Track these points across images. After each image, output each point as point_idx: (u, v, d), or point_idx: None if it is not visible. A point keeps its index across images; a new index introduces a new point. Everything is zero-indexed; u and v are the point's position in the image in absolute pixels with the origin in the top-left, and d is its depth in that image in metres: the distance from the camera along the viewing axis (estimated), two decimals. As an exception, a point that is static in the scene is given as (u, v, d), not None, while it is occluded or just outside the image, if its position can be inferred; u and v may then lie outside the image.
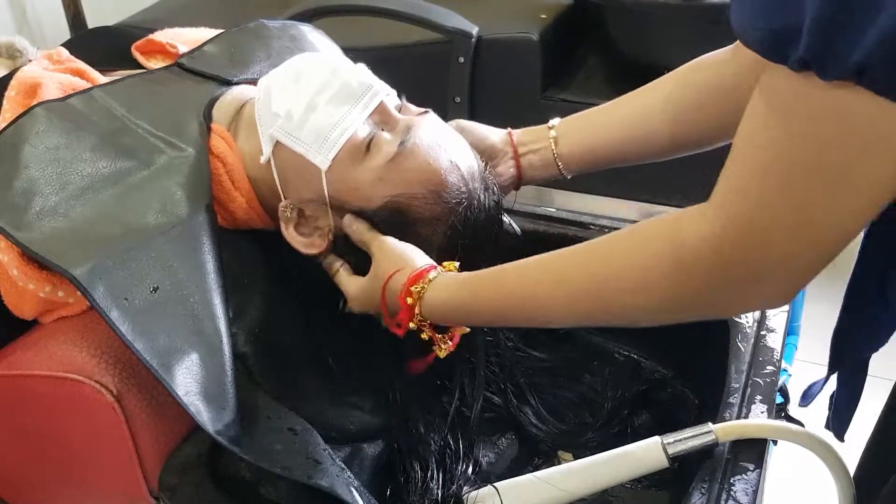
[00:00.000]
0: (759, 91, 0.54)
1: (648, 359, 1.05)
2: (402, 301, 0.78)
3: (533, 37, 1.55)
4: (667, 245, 0.61)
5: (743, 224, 0.56)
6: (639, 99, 0.89)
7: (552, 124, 0.92)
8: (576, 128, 0.91)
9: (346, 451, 0.84)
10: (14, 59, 1.06)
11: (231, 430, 0.73)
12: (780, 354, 0.90)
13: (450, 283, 0.77)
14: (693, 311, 0.65)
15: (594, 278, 0.67)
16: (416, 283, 0.78)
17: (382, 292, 0.80)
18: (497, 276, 0.75)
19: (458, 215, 0.84)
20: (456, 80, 1.61)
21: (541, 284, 0.71)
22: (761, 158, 0.54)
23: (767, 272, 0.57)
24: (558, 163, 0.91)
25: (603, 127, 0.90)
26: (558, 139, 0.91)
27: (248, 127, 0.87)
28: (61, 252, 0.72)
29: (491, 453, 0.94)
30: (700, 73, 0.84)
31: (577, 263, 0.69)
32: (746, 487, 0.74)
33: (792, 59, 0.49)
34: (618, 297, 0.66)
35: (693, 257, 0.59)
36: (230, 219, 0.86)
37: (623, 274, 0.65)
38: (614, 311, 0.69)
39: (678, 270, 0.60)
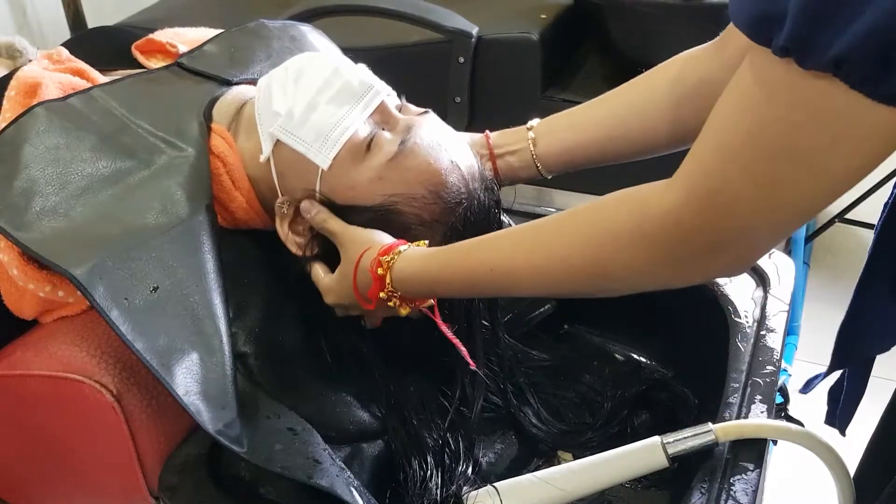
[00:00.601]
0: (742, 69, 0.55)
1: (648, 359, 1.05)
2: (372, 273, 0.78)
3: (533, 37, 1.55)
4: (632, 216, 0.63)
5: (705, 196, 0.57)
6: (618, 98, 0.89)
7: (531, 125, 0.92)
8: (555, 128, 0.91)
9: (346, 451, 0.84)
10: (14, 58, 1.06)
11: (231, 429, 0.73)
12: (780, 354, 0.90)
13: (420, 254, 0.78)
14: (656, 280, 0.66)
15: (561, 249, 0.68)
16: (386, 254, 0.78)
17: (354, 271, 0.79)
18: (468, 247, 0.76)
19: (457, 216, 0.84)
20: (456, 80, 1.61)
21: (511, 254, 0.72)
22: (732, 135, 0.55)
23: (726, 244, 0.59)
24: (537, 163, 0.91)
25: (582, 126, 0.90)
26: (537, 140, 0.91)
27: (248, 126, 0.87)
28: (61, 252, 0.72)
29: (491, 453, 0.94)
30: (682, 68, 0.84)
31: (545, 235, 0.70)
32: (746, 487, 0.74)
33: (775, 44, 0.50)
34: (584, 267, 0.67)
35: (656, 228, 0.60)
36: (230, 219, 0.86)
37: (589, 245, 0.66)
38: (580, 282, 0.70)
39: (642, 241, 0.62)
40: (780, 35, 0.49)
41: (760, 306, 0.96)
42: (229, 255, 0.81)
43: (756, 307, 0.95)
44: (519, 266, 0.72)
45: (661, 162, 0.92)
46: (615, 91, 0.89)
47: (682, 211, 0.58)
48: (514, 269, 0.72)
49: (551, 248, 0.69)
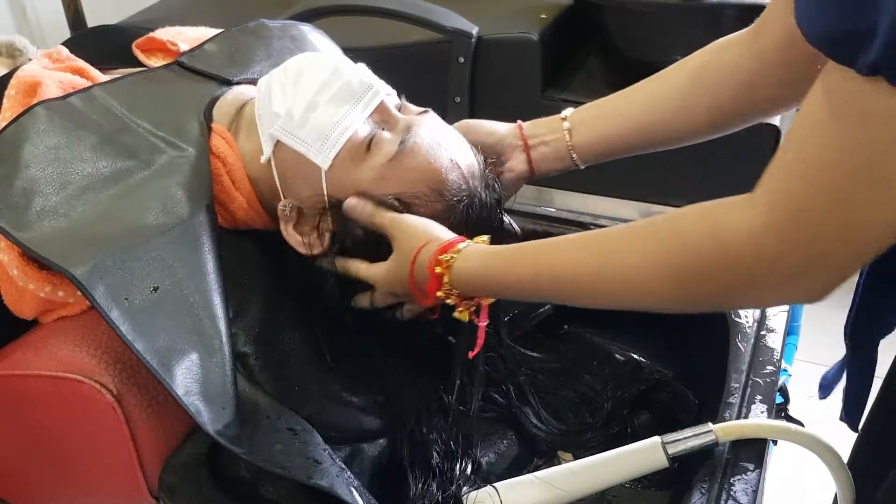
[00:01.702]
0: (819, 89, 0.53)
1: (648, 359, 1.05)
2: (430, 270, 0.76)
3: (533, 37, 1.55)
4: (711, 238, 0.60)
5: (788, 222, 0.56)
6: (654, 85, 0.88)
7: (565, 115, 0.91)
8: (590, 117, 0.90)
9: (346, 451, 0.84)
10: (14, 57, 1.06)
11: (231, 430, 0.73)
12: (780, 354, 0.90)
13: (481, 254, 0.76)
14: (730, 302, 0.66)
15: (633, 267, 0.66)
16: (445, 252, 0.76)
17: (411, 267, 0.78)
18: (533, 251, 0.74)
19: (458, 214, 0.84)
20: (456, 80, 1.61)
21: (578, 265, 0.70)
22: (814, 158, 0.54)
23: (807, 270, 0.57)
24: (573, 154, 0.90)
25: (618, 115, 0.89)
26: (572, 130, 0.90)
27: (248, 127, 0.87)
28: (62, 252, 0.72)
29: (491, 453, 0.94)
30: (717, 56, 0.83)
31: (616, 250, 0.68)
32: (746, 487, 0.74)
33: (861, 62, 0.48)
34: (648, 285, 0.66)
35: (736, 252, 0.59)
36: (230, 219, 0.86)
37: (664, 266, 0.64)
38: (642, 299, 0.68)
39: (720, 264, 0.60)
40: (868, 53, 0.47)
41: (760, 306, 0.96)
42: (229, 255, 0.81)
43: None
44: (586, 279, 0.70)
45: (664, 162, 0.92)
46: (650, 80, 0.89)
47: (766, 234, 0.57)
48: (581, 281, 0.70)
49: (625, 266, 0.67)
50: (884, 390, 0.84)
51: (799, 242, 0.56)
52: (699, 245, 0.61)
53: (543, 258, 0.73)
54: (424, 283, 0.78)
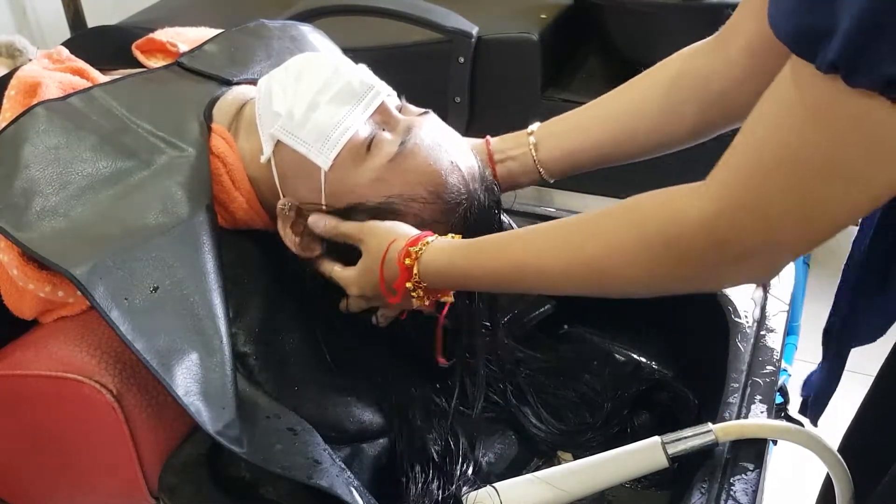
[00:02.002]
0: (781, 81, 0.54)
1: (648, 359, 1.05)
2: (400, 264, 0.78)
3: (533, 37, 1.56)
4: (664, 223, 0.63)
5: (740, 208, 0.57)
6: (620, 98, 0.88)
7: (531, 129, 0.92)
8: (556, 131, 0.91)
9: (346, 451, 0.83)
10: (14, 58, 1.06)
11: (231, 430, 0.73)
12: (779, 354, 0.90)
13: (448, 246, 0.78)
14: (683, 285, 0.67)
15: (592, 252, 0.68)
16: (414, 245, 0.78)
17: (381, 263, 0.79)
18: (498, 242, 0.76)
19: (457, 216, 0.84)
20: (456, 80, 1.61)
21: (541, 254, 0.72)
22: (770, 148, 0.55)
23: (756, 254, 0.59)
24: (539, 168, 0.91)
25: (584, 128, 0.90)
26: (538, 144, 0.90)
27: (248, 127, 0.87)
28: (62, 252, 0.72)
29: (491, 453, 0.94)
30: (683, 65, 0.84)
31: (576, 236, 0.70)
32: (746, 487, 0.74)
33: (820, 59, 0.49)
34: (613, 271, 0.68)
35: (687, 237, 0.61)
36: (230, 219, 0.86)
37: (618, 249, 0.66)
38: (608, 284, 0.70)
39: (672, 248, 0.62)
40: (828, 51, 0.48)
41: (760, 306, 0.96)
42: (229, 255, 0.81)
43: (756, 307, 0.95)
44: (548, 266, 0.71)
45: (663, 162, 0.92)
46: (616, 91, 0.89)
47: (717, 222, 0.58)
48: (544, 269, 0.72)
49: (583, 251, 0.69)
50: (873, 390, 0.85)
51: (750, 229, 0.57)
52: (654, 229, 0.63)
53: (509, 248, 0.75)
54: (394, 279, 0.79)
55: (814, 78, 0.50)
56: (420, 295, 0.79)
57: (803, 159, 0.53)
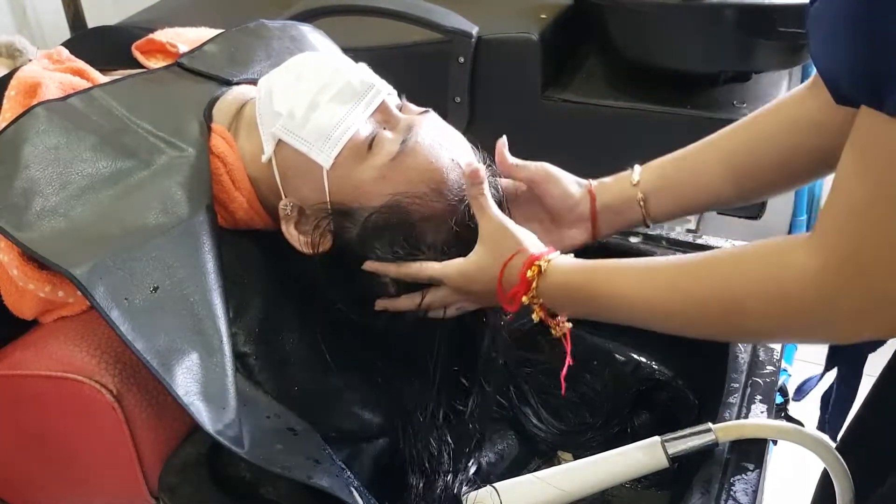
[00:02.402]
0: (856, 132, 0.55)
1: (648, 359, 1.05)
2: (521, 275, 0.77)
3: (533, 37, 1.55)
4: (772, 276, 0.63)
5: (842, 260, 0.57)
6: (727, 144, 0.86)
7: (636, 180, 0.88)
8: (667, 183, 0.88)
9: (346, 451, 0.84)
10: (14, 58, 1.06)
11: (231, 430, 0.73)
12: (779, 354, 0.90)
13: (569, 268, 0.77)
14: (804, 339, 0.69)
15: (699, 299, 0.68)
16: (539, 258, 0.77)
17: (502, 269, 0.78)
18: (612, 272, 0.75)
19: (459, 214, 0.84)
20: (456, 80, 1.61)
21: (649, 293, 0.72)
22: (858, 197, 0.56)
23: (872, 306, 0.58)
24: (647, 222, 0.90)
25: (698, 180, 0.87)
26: (647, 199, 0.88)
27: (248, 126, 0.87)
28: (62, 252, 0.72)
29: (491, 453, 0.94)
30: (783, 112, 0.83)
31: (684, 281, 0.70)
32: (746, 487, 0.74)
33: (889, 104, 0.50)
34: (721, 321, 0.68)
35: (798, 293, 0.60)
36: (230, 219, 0.86)
37: (729, 301, 0.66)
38: (715, 333, 0.72)
39: (784, 304, 0.62)
40: (894, 92, 0.49)
41: (760, 306, 0.95)
42: (229, 255, 0.81)
43: (756, 307, 0.95)
44: (657, 305, 0.72)
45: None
46: (718, 141, 0.87)
47: (823, 275, 0.58)
48: (652, 307, 0.72)
49: (691, 296, 0.69)
50: (875, 389, 0.85)
51: (858, 280, 0.57)
52: (763, 282, 0.63)
53: (621, 282, 0.74)
54: (511, 287, 0.78)
55: (885, 123, 0.51)
56: (540, 314, 0.78)
57: (891, 202, 0.53)
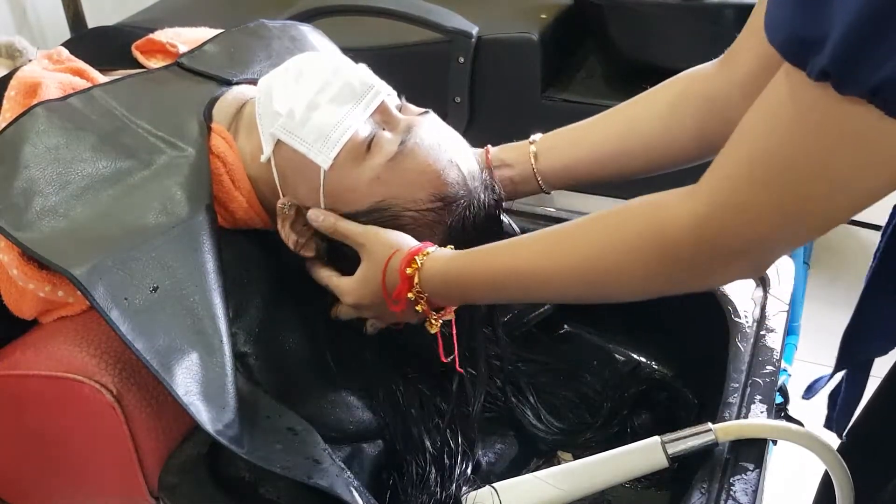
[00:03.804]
0: (771, 89, 0.56)
1: (648, 359, 1.05)
2: (401, 273, 0.78)
3: (533, 37, 1.55)
4: (652, 227, 0.64)
5: (728, 209, 0.59)
6: (622, 114, 0.89)
7: (533, 139, 0.92)
8: (557, 144, 0.91)
9: (346, 451, 0.84)
10: (14, 58, 1.06)
11: (231, 429, 0.73)
12: (779, 354, 0.90)
13: (446, 257, 0.78)
14: (671, 288, 0.68)
15: (582, 256, 0.70)
16: (416, 255, 0.78)
17: (383, 273, 0.80)
18: (492, 250, 0.77)
19: (457, 216, 0.84)
20: (456, 80, 1.61)
21: (533, 259, 0.73)
22: (761, 151, 0.56)
23: (744, 253, 0.61)
24: (538, 178, 0.91)
25: (584, 142, 0.90)
26: (538, 155, 0.91)
27: (248, 126, 0.87)
28: (61, 252, 0.72)
29: (491, 453, 0.94)
30: (687, 85, 0.85)
31: (567, 241, 0.71)
32: (746, 487, 0.74)
33: (811, 67, 0.50)
34: (603, 276, 0.69)
35: (676, 239, 0.62)
36: (230, 219, 0.86)
37: (609, 255, 0.68)
38: (600, 289, 0.72)
39: (661, 252, 0.63)
40: (819, 59, 0.49)
41: (760, 306, 0.96)
42: (229, 255, 0.81)
43: (756, 307, 0.95)
44: (540, 271, 0.72)
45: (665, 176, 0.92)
46: (619, 107, 0.89)
47: (705, 224, 0.60)
48: (535, 274, 0.73)
49: (573, 255, 0.70)
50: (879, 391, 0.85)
51: (738, 230, 0.59)
52: (642, 232, 0.65)
53: (501, 254, 0.76)
54: (395, 288, 0.79)
55: (805, 85, 0.51)
56: (423, 306, 0.79)
57: (791, 163, 0.55)
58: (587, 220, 0.71)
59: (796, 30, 0.51)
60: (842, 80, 0.49)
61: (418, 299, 0.79)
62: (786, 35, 0.52)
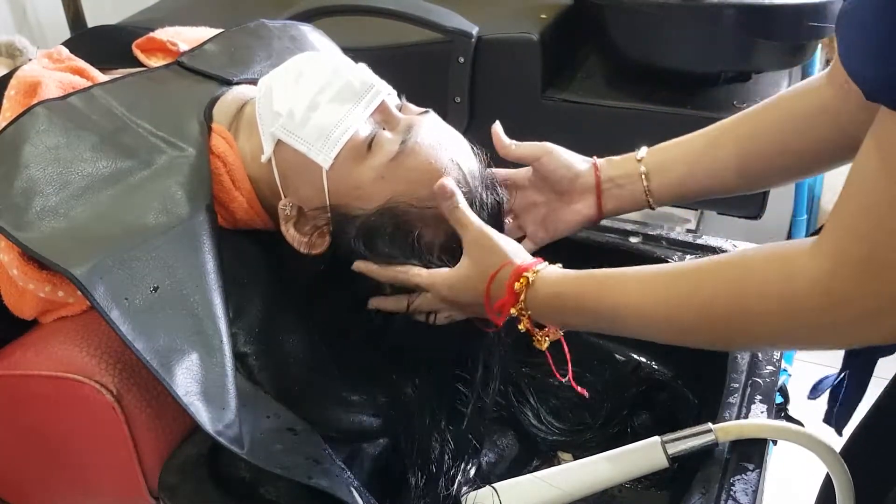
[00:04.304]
0: (871, 133, 0.54)
1: (648, 359, 1.05)
2: (508, 287, 0.76)
3: (533, 37, 1.55)
4: (780, 281, 0.61)
5: (853, 264, 0.56)
6: (734, 132, 0.86)
7: (640, 156, 0.88)
8: (669, 163, 0.88)
9: (346, 451, 0.84)
10: (14, 58, 1.06)
11: (231, 430, 0.73)
12: (780, 354, 0.90)
13: (556, 277, 0.76)
14: (810, 346, 0.67)
15: (698, 308, 0.67)
16: (527, 270, 0.76)
17: (490, 280, 0.77)
18: (602, 283, 0.74)
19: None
20: (456, 80, 1.61)
21: (644, 300, 0.70)
22: (872, 199, 0.55)
23: (879, 311, 0.57)
24: (649, 199, 0.89)
25: (697, 161, 0.87)
26: (650, 174, 0.88)
27: (248, 126, 0.87)
28: (62, 252, 0.72)
29: (491, 453, 0.94)
30: (797, 100, 0.82)
31: (683, 286, 0.68)
32: (746, 487, 0.74)
33: None
34: (721, 329, 0.66)
35: (805, 296, 0.59)
36: (230, 219, 0.86)
37: (730, 308, 0.65)
38: (715, 341, 0.70)
39: (791, 307, 0.60)
40: None
41: (760, 306, 0.95)
42: (229, 255, 0.81)
43: (756, 307, 0.95)
44: (651, 315, 0.70)
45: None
46: (727, 125, 0.86)
47: (832, 279, 0.57)
48: (646, 316, 0.70)
49: (691, 301, 0.67)
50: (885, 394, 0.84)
51: (868, 285, 0.56)
52: (769, 286, 0.62)
53: (608, 291, 0.73)
54: (498, 299, 0.77)
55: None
56: (526, 325, 0.78)
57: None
58: (704, 265, 0.68)
59: (883, 69, 0.49)
60: None
61: (520, 316, 0.77)
62: (874, 76, 0.50)
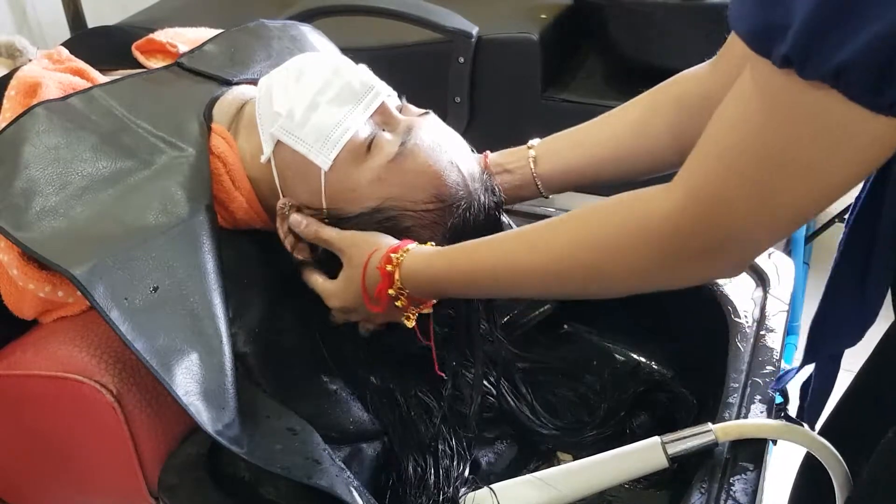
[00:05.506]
0: (742, 79, 0.56)
1: (648, 359, 1.05)
2: (381, 270, 0.78)
3: (533, 37, 1.56)
4: (632, 220, 0.64)
5: (704, 201, 0.59)
6: (621, 117, 0.89)
7: (531, 144, 0.92)
8: (556, 147, 0.91)
9: (346, 451, 0.84)
10: (14, 58, 1.06)
11: (231, 430, 0.73)
12: (779, 354, 0.90)
13: (426, 252, 0.79)
14: (653, 282, 0.68)
15: (561, 250, 0.70)
16: (395, 252, 0.79)
17: (363, 272, 0.80)
18: (472, 245, 0.77)
19: (457, 217, 0.84)
20: (456, 80, 1.61)
21: (513, 253, 0.73)
22: (731, 141, 0.57)
23: (724, 247, 0.61)
24: (537, 182, 0.91)
25: (584, 145, 0.90)
26: (538, 159, 0.91)
27: (248, 127, 0.87)
28: (61, 252, 0.72)
29: (490, 453, 0.94)
30: (684, 87, 0.85)
31: (547, 235, 0.72)
32: (746, 487, 0.74)
33: (775, 54, 0.51)
34: (583, 268, 0.69)
35: (655, 232, 0.62)
36: (230, 219, 0.86)
37: (589, 247, 0.68)
38: (579, 283, 0.71)
39: (641, 244, 0.64)
40: (782, 45, 0.50)
41: (760, 306, 0.96)
42: (229, 255, 0.81)
43: (756, 307, 0.95)
44: (520, 265, 0.73)
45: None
46: (617, 110, 0.89)
47: (681, 215, 0.60)
48: (516, 268, 0.73)
49: (552, 248, 0.70)
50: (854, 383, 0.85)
51: (714, 222, 0.59)
52: (622, 226, 0.65)
53: (483, 251, 0.76)
54: (375, 287, 0.79)
55: (771, 73, 0.52)
56: (403, 303, 0.79)
57: (762, 152, 0.55)
58: (567, 216, 0.71)
59: (761, 20, 0.51)
60: (804, 64, 0.49)
61: (399, 295, 0.79)
62: (750, 25, 0.53)
